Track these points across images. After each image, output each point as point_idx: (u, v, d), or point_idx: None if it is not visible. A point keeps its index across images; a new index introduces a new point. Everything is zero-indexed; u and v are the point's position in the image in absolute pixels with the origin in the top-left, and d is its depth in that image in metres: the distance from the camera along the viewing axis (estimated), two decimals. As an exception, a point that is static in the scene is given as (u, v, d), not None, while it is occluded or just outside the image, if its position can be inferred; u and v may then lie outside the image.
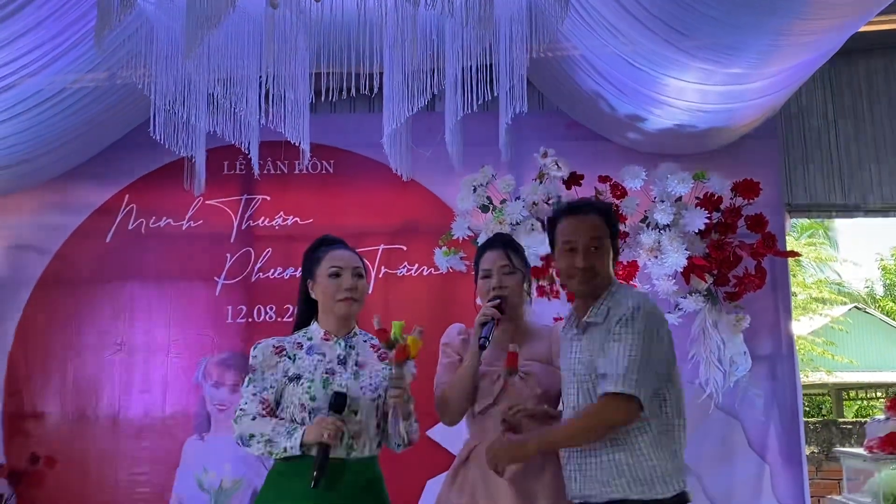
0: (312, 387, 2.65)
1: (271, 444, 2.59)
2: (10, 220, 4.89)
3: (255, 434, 2.61)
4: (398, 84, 3.54)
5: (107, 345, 4.78)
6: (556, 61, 4.18)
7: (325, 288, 2.76)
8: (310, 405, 2.63)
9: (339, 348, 2.76)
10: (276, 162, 4.94)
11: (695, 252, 4.24)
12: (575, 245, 2.63)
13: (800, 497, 4.51)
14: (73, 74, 3.92)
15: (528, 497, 2.66)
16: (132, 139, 4.83)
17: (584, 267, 2.60)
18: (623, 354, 2.47)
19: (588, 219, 2.68)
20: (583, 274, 2.61)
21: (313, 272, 2.80)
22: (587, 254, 2.61)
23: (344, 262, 2.77)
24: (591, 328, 2.60)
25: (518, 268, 2.90)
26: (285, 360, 2.71)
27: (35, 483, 4.59)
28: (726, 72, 3.54)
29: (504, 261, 2.87)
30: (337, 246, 2.86)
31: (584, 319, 2.61)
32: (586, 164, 4.53)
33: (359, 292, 2.77)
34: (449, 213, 4.62)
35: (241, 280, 4.84)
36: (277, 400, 2.70)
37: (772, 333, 4.67)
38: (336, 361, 2.73)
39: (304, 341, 2.78)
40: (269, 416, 2.67)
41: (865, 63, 5.20)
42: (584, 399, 2.57)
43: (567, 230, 2.67)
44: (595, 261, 2.62)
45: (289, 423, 2.64)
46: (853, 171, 5.08)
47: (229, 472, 4.60)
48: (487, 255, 2.92)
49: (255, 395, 2.69)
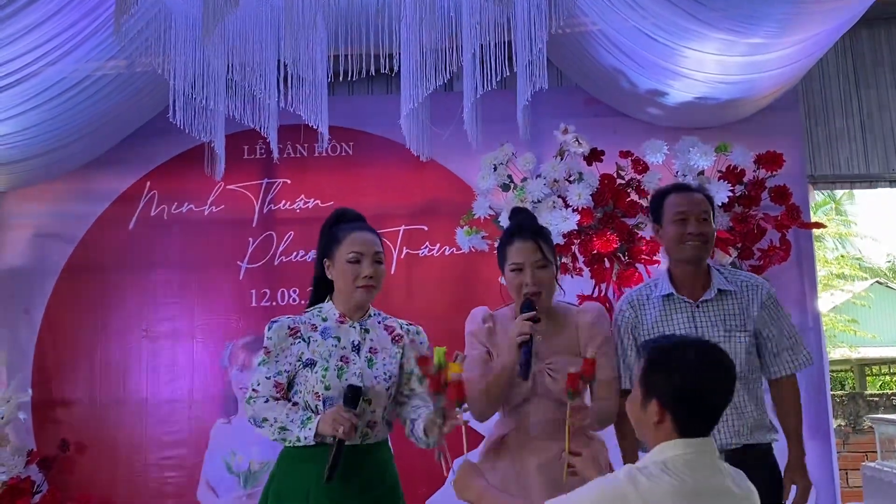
0: (327, 376, 2.61)
1: (284, 431, 2.58)
2: (34, 209, 4.93)
3: (269, 418, 2.60)
4: (416, 63, 3.53)
5: (133, 331, 4.81)
6: (574, 37, 4.15)
7: (343, 273, 2.69)
8: (324, 394, 2.60)
9: (355, 333, 2.71)
10: (296, 145, 4.94)
11: (718, 225, 4.21)
12: (687, 215, 2.91)
13: (828, 469, 4.49)
14: (94, 63, 3.93)
15: (558, 487, 2.51)
16: (152, 126, 4.85)
17: (699, 233, 2.91)
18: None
19: (697, 195, 2.99)
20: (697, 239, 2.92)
21: (332, 252, 2.72)
22: (699, 222, 2.91)
23: (365, 248, 2.68)
24: (726, 296, 2.93)
25: (550, 259, 2.78)
26: (299, 343, 2.67)
27: (66, 469, 4.63)
28: (747, 42, 3.50)
29: (537, 255, 2.74)
30: (360, 226, 2.76)
31: (718, 287, 2.93)
32: (606, 141, 4.51)
33: (377, 279, 2.70)
34: (469, 193, 4.61)
35: (264, 264, 4.85)
36: (290, 382, 2.68)
37: (798, 307, 4.63)
38: (350, 348, 2.68)
39: (319, 322, 2.72)
40: (283, 398, 2.65)
41: (887, 31, 5.13)
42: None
43: (679, 202, 2.96)
44: (705, 229, 2.92)
45: (302, 410, 2.61)
46: (876, 141, 5.03)
47: (257, 455, 4.63)
48: (517, 245, 2.78)
49: (268, 377, 2.65)
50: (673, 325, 2.94)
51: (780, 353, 2.95)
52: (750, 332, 2.90)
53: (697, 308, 2.93)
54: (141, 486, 4.65)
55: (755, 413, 2.88)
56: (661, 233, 3.03)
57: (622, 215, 4.24)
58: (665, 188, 3.10)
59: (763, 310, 2.93)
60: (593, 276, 4.25)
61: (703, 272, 2.97)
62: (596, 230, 4.22)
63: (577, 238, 4.25)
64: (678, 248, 2.94)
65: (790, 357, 2.96)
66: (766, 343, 2.95)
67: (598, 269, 4.22)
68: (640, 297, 3.05)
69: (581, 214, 4.17)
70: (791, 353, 2.96)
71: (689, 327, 2.91)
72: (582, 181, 4.25)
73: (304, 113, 3.74)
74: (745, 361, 2.87)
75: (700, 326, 2.90)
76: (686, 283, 2.97)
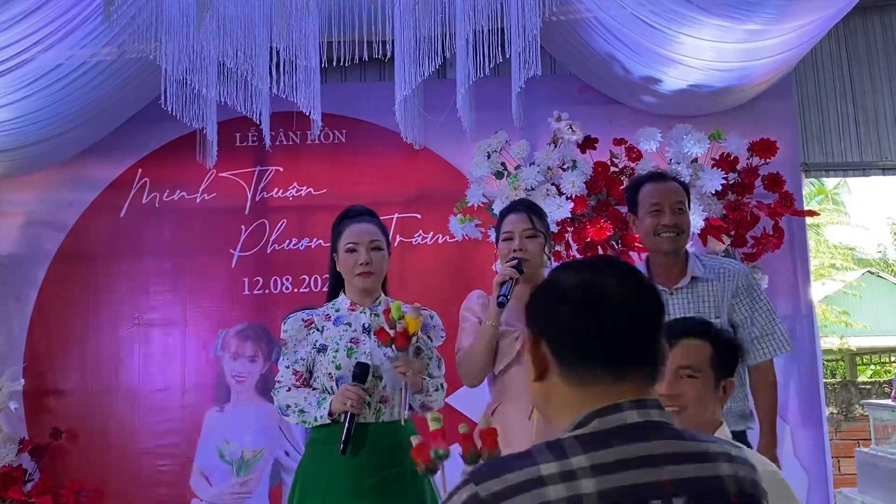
0: (338, 356, 2.79)
1: (304, 413, 2.76)
2: (25, 196, 4.89)
3: (291, 405, 2.78)
4: (409, 50, 3.51)
5: (125, 319, 4.79)
6: (568, 24, 4.14)
7: (344, 262, 2.88)
8: (336, 374, 2.77)
9: (365, 317, 2.86)
10: (288, 133, 4.91)
11: (712, 213, 4.22)
12: (661, 206, 2.93)
13: (820, 457, 4.51)
14: (88, 50, 3.89)
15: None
16: (144, 114, 4.81)
17: (673, 224, 2.94)
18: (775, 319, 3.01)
19: (671, 185, 3.01)
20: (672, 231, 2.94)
21: (336, 246, 2.92)
22: (673, 213, 2.94)
23: (359, 238, 2.86)
24: (699, 283, 2.95)
25: (540, 230, 2.93)
26: (314, 332, 2.85)
27: (58, 457, 4.61)
28: (744, 28, 3.49)
29: (527, 224, 2.91)
30: (358, 219, 2.94)
31: (692, 274, 2.94)
32: (600, 129, 4.52)
33: (375, 265, 2.85)
34: (462, 181, 4.61)
35: (257, 252, 4.83)
36: (310, 370, 2.85)
37: (791, 295, 4.65)
38: (361, 330, 2.83)
39: (332, 312, 2.90)
40: (304, 385, 2.83)
41: (880, 19, 5.13)
42: None
43: (653, 193, 2.97)
44: (679, 220, 2.98)
45: (319, 392, 2.78)
46: (869, 129, 5.03)
47: (250, 443, 4.62)
48: (510, 217, 2.95)
49: (287, 367, 2.85)
50: None
51: (754, 339, 2.96)
52: (723, 319, 2.92)
53: (671, 296, 2.96)
54: (133, 474, 4.63)
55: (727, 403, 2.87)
56: (636, 223, 3.07)
57: (616, 203, 4.24)
58: (639, 178, 3.15)
59: (737, 296, 2.95)
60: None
61: (680, 260, 3.00)
62: (589, 218, 4.22)
63: (571, 226, 4.25)
64: (653, 240, 2.98)
65: (765, 343, 2.98)
66: (740, 329, 2.96)
67: (592, 256, 4.22)
68: None
69: (575, 202, 4.17)
70: (766, 339, 2.98)
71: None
72: (576, 169, 4.25)
73: (298, 99, 3.73)
74: None
75: (673, 314, 2.91)
76: (662, 271, 3.01)
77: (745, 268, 3.02)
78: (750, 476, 1.24)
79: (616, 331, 1.22)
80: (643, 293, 1.27)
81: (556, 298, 1.26)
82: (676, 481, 1.16)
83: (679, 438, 1.21)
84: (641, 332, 1.24)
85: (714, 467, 1.20)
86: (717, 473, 1.20)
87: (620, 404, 1.20)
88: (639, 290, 1.26)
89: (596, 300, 1.23)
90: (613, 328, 1.22)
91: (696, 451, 1.21)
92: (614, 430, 1.18)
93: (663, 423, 1.21)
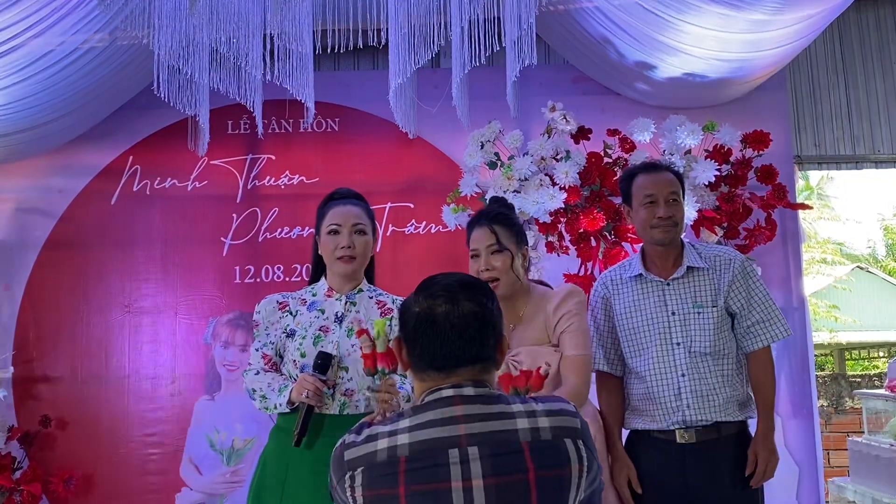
0: (304, 343, 2.67)
1: (265, 399, 2.66)
2: (14, 183, 4.84)
3: (256, 388, 2.69)
4: (403, 38, 3.50)
5: (115, 306, 4.76)
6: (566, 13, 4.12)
7: (324, 246, 2.77)
8: (301, 361, 2.65)
9: (339, 305, 2.75)
10: (281, 121, 4.89)
11: (705, 205, 4.22)
12: (656, 198, 2.92)
13: (811, 449, 4.52)
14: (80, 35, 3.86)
15: None
16: (135, 101, 4.77)
17: (668, 216, 2.91)
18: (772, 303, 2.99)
19: (665, 175, 2.99)
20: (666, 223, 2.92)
21: (318, 228, 2.82)
22: (668, 205, 2.92)
23: (342, 220, 2.74)
24: (695, 272, 2.94)
25: (506, 245, 2.76)
26: (287, 316, 2.75)
27: (47, 445, 4.59)
28: (747, 18, 3.48)
29: (490, 240, 2.75)
30: (343, 201, 2.82)
31: (687, 264, 2.94)
32: (594, 119, 4.51)
33: (357, 250, 2.73)
34: (456, 170, 4.60)
35: (248, 240, 4.80)
36: (280, 355, 2.74)
37: (783, 287, 4.66)
38: (333, 319, 2.72)
39: (309, 297, 2.80)
40: (273, 370, 2.72)
41: (874, 14, 5.14)
42: None
43: (647, 184, 2.96)
44: (674, 211, 2.93)
45: (284, 379, 2.67)
46: (862, 122, 5.04)
47: (240, 432, 4.60)
48: (474, 234, 2.81)
49: (257, 350, 2.75)
50: (645, 304, 2.96)
51: (751, 326, 2.93)
52: (720, 308, 2.90)
53: (668, 286, 2.95)
54: (123, 462, 4.61)
55: (725, 390, 2.86)
56: (631, 214, 3.05)
57: (609, 194, 4.23)
58: (633, 169, 3.10)
59: (733, 283, 2.92)
60: (580, 254, 4.24)
61: (675, 250, 2.99)
62: (583, 208, 4.21)
63: (564, 216, 4.24)
64: (648, 232, 2.96)
65: (763, 330, 2.93)
66: (737, 316, 2.94)
67: (585, 247, 4.22)
68: (615, 277, 3.09)
69: (568, 192, 4.16)
70: (764, 325, 2.93)
71: (660, 305, 2.93)
72: (569, 159, 4.24)
73: (291, 86, 3.71)
74: (713, 337, 2.87)
75: (670, 304, 2.92)
76: (657, 262, 2.99)
77: (740, 255, 3.00)
78: (555, 425, 1.58)
79: (443, 347, 1.63)
80: (469, 316, 1.64)
81: (406, 322, 1.69)
82: (472, 435, 1.54)
83: (485, 403, 1.59)
84: (465, 345, 1.63)
85: (511, 423, 1.57)
86: (513, 427, 1.56)
87: (443, 387, 1.62)
88: (466, 315, 1.64)
89: (429, 326, 1.64)
90: (440, 346, 1.63)
91: (498, 411, 1.58)
92: (432, 402, 1.61)
93: (475, 395, 1.60)
